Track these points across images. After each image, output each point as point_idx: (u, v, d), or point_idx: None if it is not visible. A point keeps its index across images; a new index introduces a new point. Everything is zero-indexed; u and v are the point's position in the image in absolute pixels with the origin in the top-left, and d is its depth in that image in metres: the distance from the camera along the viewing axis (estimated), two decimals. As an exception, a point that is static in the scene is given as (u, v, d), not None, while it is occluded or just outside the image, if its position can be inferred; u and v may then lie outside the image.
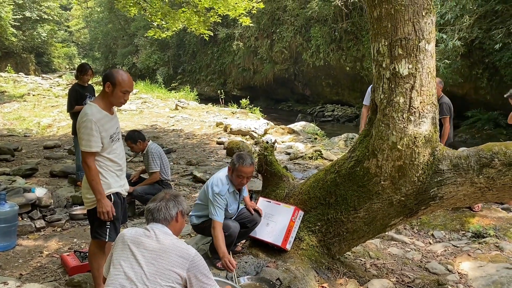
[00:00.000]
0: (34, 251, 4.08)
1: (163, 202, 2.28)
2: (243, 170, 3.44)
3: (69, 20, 46.33)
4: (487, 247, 4.44)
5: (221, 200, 3.45)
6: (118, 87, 2.91)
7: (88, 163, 2.89)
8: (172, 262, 2.08)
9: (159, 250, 2.11)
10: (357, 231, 3.38)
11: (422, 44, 2.92)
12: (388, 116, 3.02)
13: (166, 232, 2.21)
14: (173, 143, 10.32)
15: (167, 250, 2.11)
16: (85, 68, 5.92)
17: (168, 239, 2.17)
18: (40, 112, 13.68)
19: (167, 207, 2.26)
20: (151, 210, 2.27)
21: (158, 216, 2.24)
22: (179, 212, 2.30)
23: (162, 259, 2.08)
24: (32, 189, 4.78)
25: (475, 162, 2.92)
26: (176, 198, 2.32)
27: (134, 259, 2.09)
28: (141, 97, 18.19)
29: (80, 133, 2.89)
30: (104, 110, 2.97)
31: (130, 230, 2.23)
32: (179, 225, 2.33)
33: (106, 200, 2.93)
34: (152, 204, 2.28)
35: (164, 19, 11.09)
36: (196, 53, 28.14)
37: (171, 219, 2.26)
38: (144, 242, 2.14)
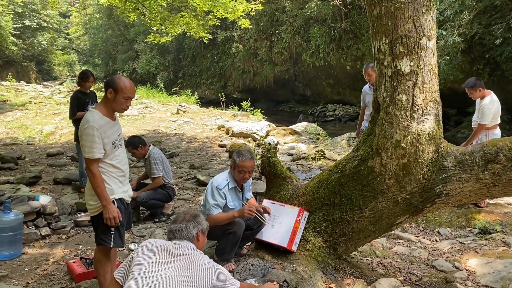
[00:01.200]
0: (40, 259, 4.08)
1: (183, 223, 2.39)
2: (243, 165, 3.52)
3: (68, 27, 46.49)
4: (494, 243, 4.42)
5: (218, 195, 3.51)
6: (120, 93, 2.92)
7: (92, 170, 2.89)
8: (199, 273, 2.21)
9: (188, 260, 2.23)
10: (363, 231, 3.37)
11: (423, 41, 2.92)
12: (391, 114, 3.01)
13: (192, 248, 2.33)
14: (175, 147, 10.33)
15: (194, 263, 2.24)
16: (87, 75, 5.92)
17: (196, 252, 2.31)
18: (42, 120, 13.73)
19: (187, 228, 2.37)
20: (172, 231, 2.38)
21: (179, 236, 2.35)
22: (199, 231, 2.41)
23: (191, 270, 2.20)
24: (36, 197, 4.78)
25: (480, 158, 2.91)
26: (195, 218, 2.44)
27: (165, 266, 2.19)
28: (143, 102, 18.24)
29: (83, 140, 2.90)
30: (106, 116, 2.97)
31: (157, 241, 2.33)
32: (201, 244, 2.44)
33: (112, 206, 2.93)
34: (173, 226, 2.40)
35: (163, 24, 11.11)
36: (196, 57, 28.18)
37: (193, 238, 2.37)
38: (173, 252, 2.25)
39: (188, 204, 5.89)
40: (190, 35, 12.24)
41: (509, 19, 10.35)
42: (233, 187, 3.64)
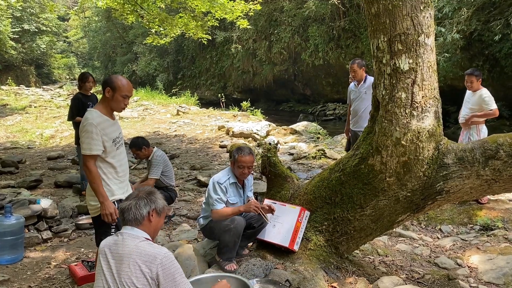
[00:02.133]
0: (42, 262, 4.08)
1: (133, 200, 2.16)
2: (242, 160, 3.58)
3: (67, 30, 46.56)
4: (496, 240, 4.42)
5: (220, 189, 3.56)
6: (118, 91, 2.98)
7: (89, 166, 2.92)
8: (139, 267, 2.00)
9: (125, 256, 2.03)
10: (364, 229, 3.37)
11: (422, 38, 2.91)
12: (391, 112, 3.01)
13: (134, 236, 2.11)
14: (176, 148, 10.33)
15: (132, 256, 2.02)
16: (85, 75, 5.93)
17: (133, 243, 2.07)
18: (42, 123, 13.73)
19: (137, 206, 2.14)
20: (122, 210, 2.17)
21: (128, 216, 2.14)
22: (152, 210, 2.17)
23: (128, 265, 2.01)
24: (37, 201, 4.78)
25: (480, 155, 2.90)
26: (149, 195, 2.20)
27: (106, 269, 2.06)
28: (142, 104, 18.25)
29: (82, 137, 2.95)
30: (105, 115, 3.02)
31: (103, 241, 2.17)
32: (154, 224, 2.20)
33: (109, 202, 2.95)
34: (123, 204, 2.18)
35: (162, 26, 11.11)
36: (195, 58, 28.17)
37: (142, 218, 2.14)
38: (112, 250, 2.09)
39: (189, 206, 5.89)
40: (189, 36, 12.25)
41: (507, 15, 10.34)
42: (234, 183, 3.68)
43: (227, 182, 3.63)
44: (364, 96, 5.61)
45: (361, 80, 5.70)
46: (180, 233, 4.72)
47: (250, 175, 3.83)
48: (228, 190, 3.63)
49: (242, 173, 3.63)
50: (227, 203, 3.62)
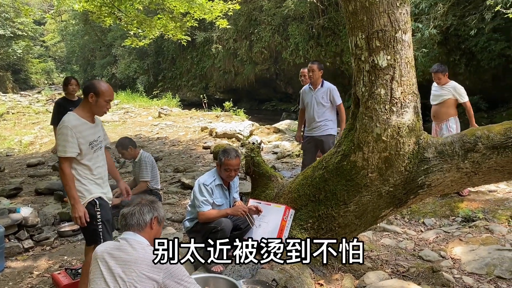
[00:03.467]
0: (24, 272, 3.99)
1: (137, 207, 2.20)
2: (229, 163, 3.56)
3: (44, 35, 45.68)
4: (478, 231, 4.50)
5: (206, 191, 3.54)
6: (102, 96, 3.04)
7: (63, 169, 2.96)
8: (144, 272, 2.01)
9: (130, 261, 2.03)
10: (348, 225, 3.39)
11: (399, 34, 2.94)
12: (371, 108, 3.03)
13: (137, 241, 2.12)
14: (158, 151, 10.24)
15: (138, 261, 2.03)
16: (67, 79, 5.88)
17: (140, 248, 2.08)
18: (21, 130, 13.46)
19: (141, 212, 2.18)
20: (124, 215, 2.18)
21: (131, 221, 2.15)
22: (154, 218, 2.22)
23: (133, 271, 2.01)
24: (17, 209, 4.68)
25: (460, 148, 2.95)
26: (152, 203, 2.25)
27: (108, 275, 2.03)
28: (123, 107, 18.05)
29: (57, 140, 3.02)
30: (83, 118, 3.06)
31: (101, 246, 2.16)
32: (155, 232, 2.23)
33: (80, 205, 2.97)
34: (127, 209, 2.20)
35: (140, 27, 10.98)
36: (176, 59, 27.96)
37: (145, 225, 2.18)
38: (115, 255, 2.07)
39: (174, 209, 5.84)
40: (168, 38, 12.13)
41: (482, 10, 10.54)
42: (220, 184, 3.67)
43: (212, 183, 3.61)
44: (321, 101, 5.52)
45: (317, 83, 5.58)
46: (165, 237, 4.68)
47: (236, 176, 3.83)
48: (214, 192, 3.61)
49: (229, 176, 3.62)
50: (213, 205, 3.60)
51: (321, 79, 5.59)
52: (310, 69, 5.55)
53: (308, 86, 5.75)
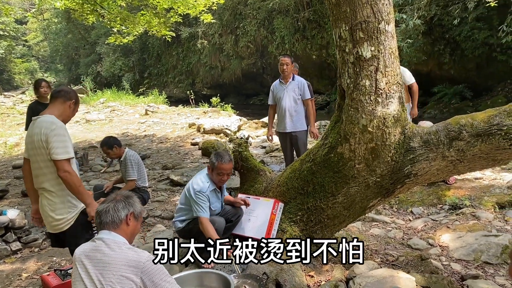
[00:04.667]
0: (13, 274, 3.95)
1: (111, 203, 2.13)
2: (222, 168, 3.51)
3: (26, 34, 44.91)
4: (465, 218, 4.56)
5: (203, 197, 3.48)
6: (77, 104, 3.10)
7: (69, 170, 2.77)
8: (122, 273, 1.96)
9: (107, 262, 1.99)
10: (337, 216, 3.41)
11: (382, 25, 2.95)
12: (356, 100, 3.04)
13: (114, 241, 2.06)
14: (146, 149, 10.17)
15: (115, 261, 1.98)
16: (37, 82, 5.86)
17: (116, 248, 2.03)
18: (5, 131, 13.25)
19: (115, 208, 2.11)
20: (99, 212, 2.12)
21: (106, 219, 2.09)
22: (129, 214, 2.15)
23: (110, 271, 1.96)
24: (3, 212, 4.61)
25: (445, 136, 2.97)
26: (127, 199, 2.17)
27: (86, 277, 1.99)
28: (109, 106, 17.88)
29: (53, 142, 2.76)
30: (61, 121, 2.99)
31: (79, 248, 2.10)
32: (131, 228, 2.17)
33: (95, 202, 2.90)
34: (101, 206, 2.13)
35: (123, 24, 10.86)
36: (161, 55, 27.76)
37: (120, 222, 2.11)
38: (91, 256, 2.02)
39: (163, 206, 5.82)
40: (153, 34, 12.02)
41: (464, -1, 10.64)
42: (213, 189, 3.62)
43: (207, 191, 3.54)
44: (293, 94, 5.48)
45: (288, 77, 5.54)
46: (155, 234, 4.66)
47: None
48: (210, 197, 3.56)
49: (221, 180, 3.58)
50: (210, 210, 3.56)
51: (291, 73, 5.56)
52: (283, 62, 5.47)
53: (278, 80, 5.68)
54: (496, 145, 2.79)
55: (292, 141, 5.66)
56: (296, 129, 5.56)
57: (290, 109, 5.51)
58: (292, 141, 5.66)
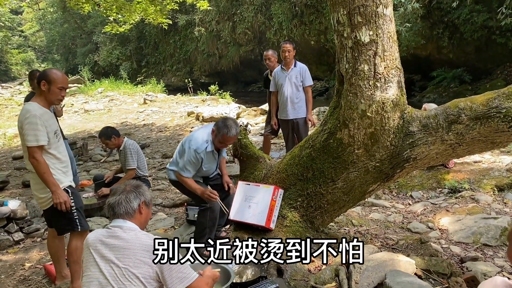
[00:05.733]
0: (16, 264, 3.98)
1: (123, 195, 2.17)
2: (227, 139, 3.52)
3: (22, 24, 44.47)
4: (464, 201, 4.59)
5: (195, 157, 3.53)
6: (54, 84, 3.01)
7: (36, 158, 2.92)
8: (139, 258, 2.01)
9: (124, 247, 2.03)
10: (337, 202, 3.43)
11: (380, 9, 2.92)
12: (355, 85, 3.03)
13: (129, 228, 2.11)
14: (145, 138, 10.18)
15: (132, 247, 2.03)
16: (32, 73, 5.83)
17: (132, 234, 2.08)
18: (4, 122, 13.24)
19: (127, 199, 2.16)
20: (111, 204, 2.16)
21: (119, 210, 2.14)
22: (141, 203, 2.20)
23: (128, 257, 2.01)
24: (4, 203, 4.63)
25: (444, 120, 2.97)
26: (137, 189, 2.22)
27: (102, 262, 2.03)
28: (107, 95, 17.83)
29: (25, 130, 2.93)
30: (43, 107, 3.04)
31: (92, 234, 2.15)
32: (144, 217, 2.24)
33: (61, 191, 2.99)
34: (112, 198, 2.18)
35: (120, 13, 10.77)
36: (158, 43, 27.54)
37: (133, 211, 2.16)
38: (107, 242, 2.06)
39: (164, 194, 5.85)
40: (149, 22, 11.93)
41: (463, -18, 10.54)
42: (211, 151, 3.65)
43: (204, 151, 3.57)
44: (295, 81, 5.45)
45: (290, 64, 5.50)
46: (156, 223, 4.69)
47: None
48: (205, 158, 3.59)
49: (222, 146, 3.65)
50: (200, 169, 3.62)
51: (293, 59, 5.53)
52: (285, 49, 5.44)
53: (280, 67, 5.65)
54: (495, 127, 2.79)
55: (294, 128, 5.66)
56: (297, 116, 5.56)
57: (292, 96, 5.50)
58: (293, 128, 5.66)
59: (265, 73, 6.17)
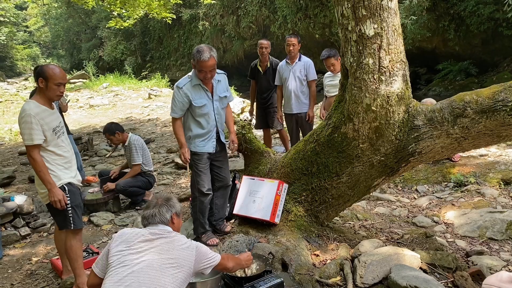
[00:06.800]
0: (23, 259, 4.02)
1: (156, 208, 2.35)
2: (203, 65, 3.37)
3: (27, 20, 44.55)
4: (470, 195, 4.57)
5: (178, 93, 3.49)
6: (51, 80, 3.02)
7: (33, 156, 2.98)
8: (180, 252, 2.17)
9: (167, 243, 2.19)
10: (342, 196, 3.42)
11: (385, 2, 2.89)
12: (360, 79, 3.01)
13: (167, 230, 2.29)
14: (150, 132, 10.20)
15: (172, 243, 2.20)
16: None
17: (172, 234, 2.26)
18: (10, 118, 13.29)
19: (160, 212, 2.33)
20: (146, 217, 2.33)
21: (154, 221, 2.31)
22: (173, 214, 2.37)
23: (171, 251, 2.16)
24: (11, 198, 4.66)
25: (449, 114, 2.95)
26: (168, 202, 2.40)
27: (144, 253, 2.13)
28: (112, 90, 17.85)
29: (21, 129, 2.99)
30: (42, 105, 3.05)
31: (132, 230, 2.27)
32: (177, 226, 2.41)
33: (57, 189, 3.02)
34: (146, 212, 2.35)
35: (123, 8, 10.76)
36: (163, 38, 27.51)
37: (167, 222, 2.33)
38: (150, 238, 2.20)
39: (168, 189, 5.86)
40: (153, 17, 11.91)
41: (470, -27, 10.42)
42: (197, 84, 3.51)
43: (188, 85, 3.48)
44: (299, 75, 5.43)
45: (295, 58, 5.49)
46: (161, 217, 4.70)
47: (223, 75, 3.73)
48: (191, 93, 3.48)
49: (205, 77, 3.44)
50: (193, 107, 3.49)
51: (298, 53, 5.51)
52: (290, 43, 5.44)
53: (284, 61, 5.65)
54: (501, 121, 2.76)
55: (298, 122, 5.65)
56: (302, 110, 5.54)
57: (296, 90, 5.48)
58: (298, 122, 5.65)
59: (253, 62, 6.14)
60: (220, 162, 3.81)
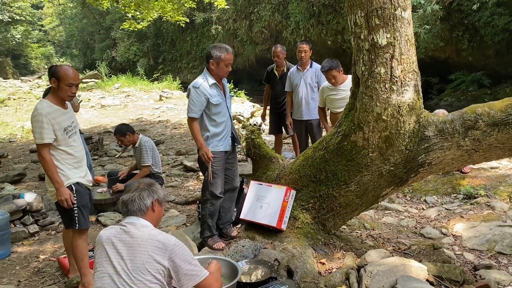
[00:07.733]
0: (30, 256, 4.06)
1: (136, 192, 2.21)
2: (229, 58, 3.59)
3: (42, 19, 45.16)
4: (479, 207, 4.52)
5: (196, 94, 3.55)
6: (63, 81, 3.06)
7: (42, 155, 3.02)
8: (151, 254, 2.04)
9: (137, 244, 2.07)
10: (350, 205, 3.40)
11: (398, 12, 2.89)
12: (371, 87, 3.01)
13: (142, 225, 2.15)
14: (160, 134, 10.25)
15: (144, 243, 2.07)
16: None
17: (145, 231, 2.12)
18: (22, 115, 13.46)
19: (141, 197, 2.20)
20: (125, 202, 2.21)
21: (133, 207, 2.18)
22: (154, 201, 2.24)
23: (140, 253, 2.05)
24: (21, 195, 4.72)
25: (460, 125, 2.93)
26: (150, 187, 2.27)
27: (116, 257, 2.06)
28: (124, 91, 18.00)
29: (33, 128, 3.04)
30: (55, 104, 3.10)
31: (105, 230, 2.19)
32: (157, 214, 2.28)
33: (64, 188, 3.05)
34: (126, 196, 2.22)
35: (138, 10, 10.86)
36: (175, 41, 27.70)
37: (147, 209, 2.20)
38: (121, 238, 2.10)
39: (176, 191, 5.88)
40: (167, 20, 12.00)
41: (485, -16, 10.36)
42: (213, 83, 3.63)
43: (204, 84, 3.58)
44: (310, 82, 5.42)
45: (306, 64, 5.49)
46: (168, 219, 4.72)
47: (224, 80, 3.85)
48: (207, 92, 3.58)
49: (227, 71, 3.65)
50: (210, 105, 3.59)
51: (310, 60, 5.51)
52: (302, 50, 5.44)
53: (295, 67, 5.63)
54: (513, 135, 2.74)
55: (308, 129, 5.64)
56: (312, 117, 5.53)
57: (307, 97, 5.48)
58: (307, 128, 5.64)
59: (270, 67, 6.14)
60: (231, 164, 3.92)
